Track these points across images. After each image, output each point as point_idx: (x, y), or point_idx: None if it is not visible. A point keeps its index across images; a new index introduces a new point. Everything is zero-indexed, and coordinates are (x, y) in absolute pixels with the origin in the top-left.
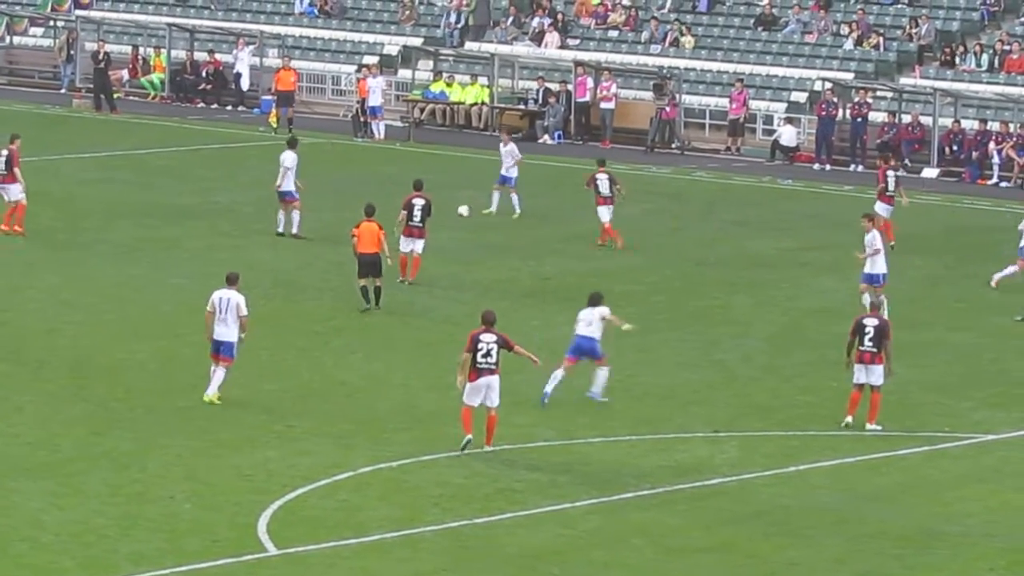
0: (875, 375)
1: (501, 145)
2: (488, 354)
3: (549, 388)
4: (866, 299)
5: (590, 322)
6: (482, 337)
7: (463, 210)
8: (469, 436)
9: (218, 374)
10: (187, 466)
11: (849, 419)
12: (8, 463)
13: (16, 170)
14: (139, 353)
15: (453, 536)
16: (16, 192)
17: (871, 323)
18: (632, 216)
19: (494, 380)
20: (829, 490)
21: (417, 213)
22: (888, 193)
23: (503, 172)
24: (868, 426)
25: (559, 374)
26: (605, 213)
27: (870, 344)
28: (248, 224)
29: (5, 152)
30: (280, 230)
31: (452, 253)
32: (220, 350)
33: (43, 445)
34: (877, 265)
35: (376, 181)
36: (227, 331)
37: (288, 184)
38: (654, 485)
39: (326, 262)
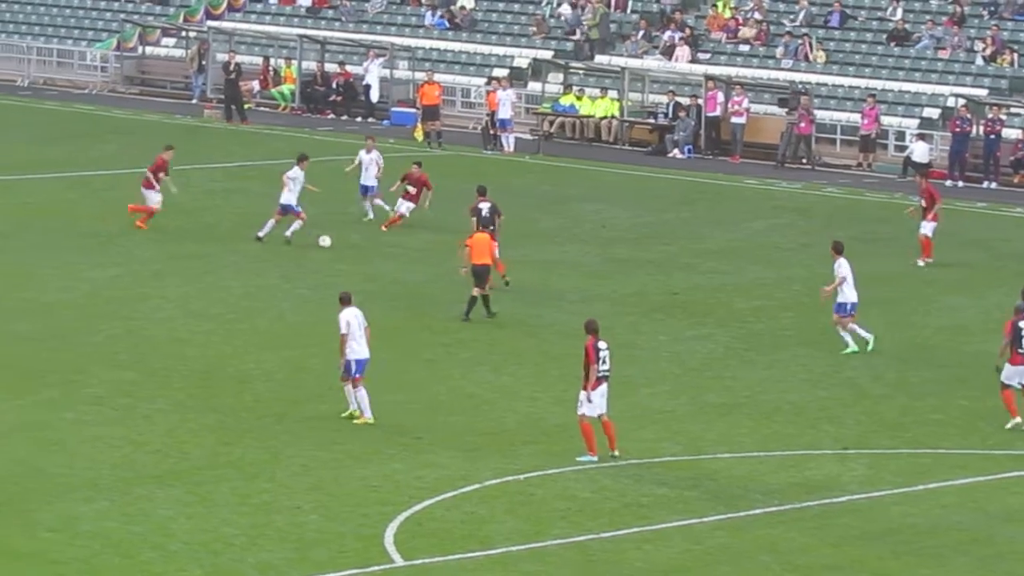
0: None
1: (363, 152)
2: (606, 360)
3: None
4: (839, 331)
5: None
6: (599, 345)
7: (324, 241)
8: (595, 458)
9: (363, 395)
10: (315, 476)
11: (1018, 419)
12: (137, 471)
13: (153, 176)
14: (267, 363)
15: (580, 550)
16: (153, 199)
17: None
18: (761, 231)
19: (607, 387)
20: (959, 509)
21: (486, 216)
22: (935, 210)
23: (363, 181)
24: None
25: None
26: (403, 205)
27: None
28: (377, 235)
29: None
30: (261, 234)
31: (581, 267)
32: (363, 369)
33: (171, 453)
34: (845, 294)
35: (505, 194)
36: (366, 348)
37: (291, 198)
38: (782, 502)
39: (453, 274)
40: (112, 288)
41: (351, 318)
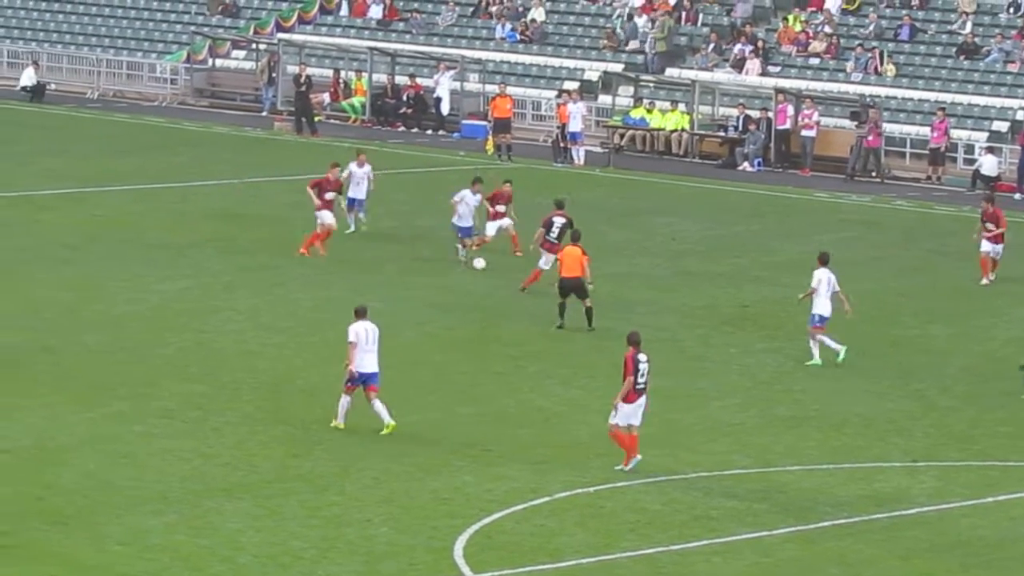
0: None
1: (355, 166)
2: (644, 374)
3: None
4: (809, 341)
5: None
6: (640, 358)
7: (479, 263)
8: (639, 456)
9: (380, 406)
10: (385, 489)
11: None
12: (206, 484)
13: (317, 194)
14: (337, 376)
15: (649, 563)
16: (327, 219)
17: None
18: (830, 244)
19: (644, 399)
20: None
21: (555, 231)
22: (999, 232)
23: (352, 194)
24: None
25: None
26: (491, 228)
27: None
28: (447, 248)
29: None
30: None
31: (651, 279)
32: (374, 380)
33: (241, 466)
34: (817, 305)
35: (575, 207)
36: (376, 361)
37: (466, 221)
38: (851, 514)
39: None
40: (182, 300)
41: (361, 330)
